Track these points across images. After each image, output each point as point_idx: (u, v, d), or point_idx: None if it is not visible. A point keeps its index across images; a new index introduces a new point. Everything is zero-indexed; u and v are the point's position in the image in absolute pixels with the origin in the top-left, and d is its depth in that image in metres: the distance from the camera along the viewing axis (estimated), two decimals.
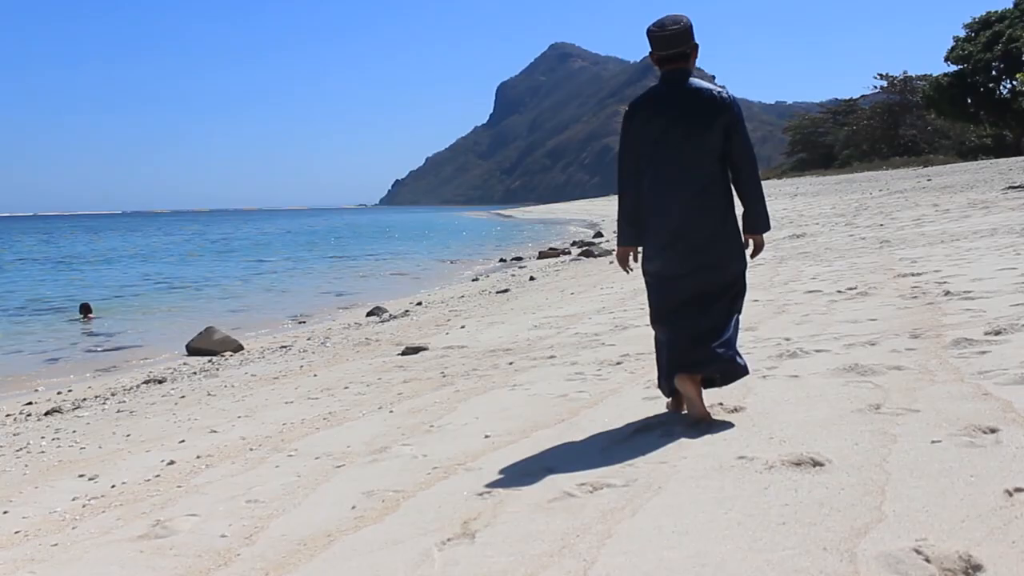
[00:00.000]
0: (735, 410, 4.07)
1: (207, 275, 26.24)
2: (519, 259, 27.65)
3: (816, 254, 12.57)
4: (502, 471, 3.65)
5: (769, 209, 4.23)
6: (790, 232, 18.21)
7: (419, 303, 15.84)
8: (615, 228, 4.51)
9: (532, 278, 18.30)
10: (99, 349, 12.87)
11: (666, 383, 4.14)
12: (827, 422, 3.65)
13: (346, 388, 6.81)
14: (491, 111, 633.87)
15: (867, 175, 46.99)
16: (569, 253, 26.07)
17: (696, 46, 4.16)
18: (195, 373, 9.57)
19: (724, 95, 4.09)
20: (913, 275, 8.44)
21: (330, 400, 6.33)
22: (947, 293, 6.91)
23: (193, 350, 11.95)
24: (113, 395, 8.62)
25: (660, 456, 3.50)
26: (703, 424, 3.88)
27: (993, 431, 3.23)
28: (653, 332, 4.30)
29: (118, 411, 7.35)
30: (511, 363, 6.85)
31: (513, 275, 20.68)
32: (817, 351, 5.31)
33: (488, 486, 3.45)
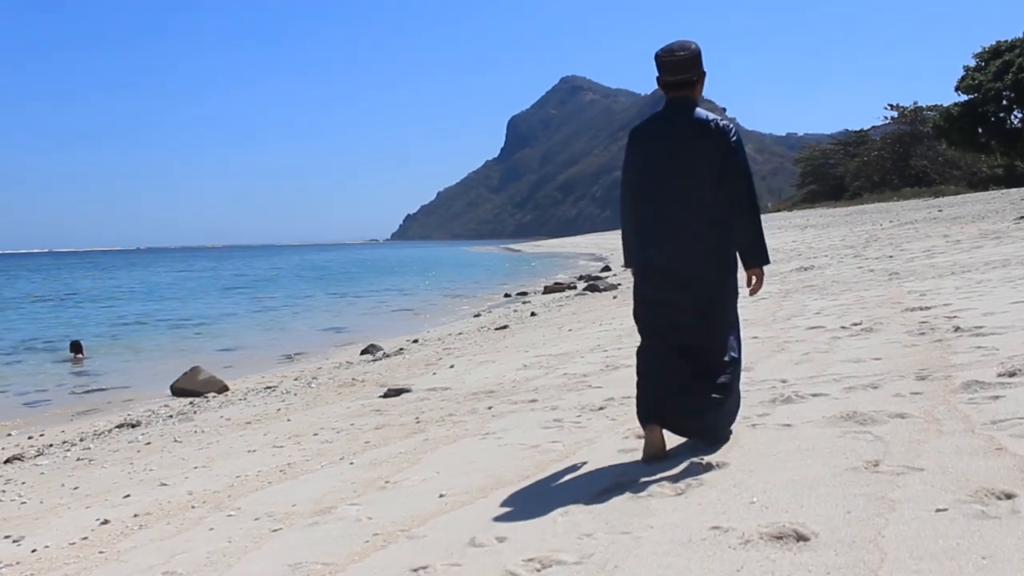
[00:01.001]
0: (717, 466, 3.62)
1: (208, 312, 25.89)
2: (524, 294, 27.26)
3: (823, 287, 12.11)
4: (446, 540, 3.21)
5: (778, 242, 3.91)
6: (798, 265, 17.74)
7: (415, 340, 15.43)
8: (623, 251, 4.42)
9: (533, 314, 17.88)
10: (83, 390, 12.49)
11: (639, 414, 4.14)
12: (818, 482, 3.20)
13: (315, 435, 6.39)
14: (502, 145, 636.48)
15: (878, 206, 46.43)
16: (575, 287, 25.61)
17: (703, 73, 4.10)
18: (171, 416, 9.17)
19: (724, 125, 4.01)
20: (922, 309, 7.97)
21: (294, 449, 5.90)
22: (957, 329, 6.44)
23: (177, 391, 11.57)
24: (81, 440, 8.23)
25: (624, 524, 3.05)
26: (655, 460, 3.87)
27: (1009, 496, 2.77)
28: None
29: (78, 459, 6.95)
30: (490, 408, 6.41)
31: (515, 311, 20.25)
32: (814, 395, 4.86)
33: (425, 560, 3.00)
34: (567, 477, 3.89)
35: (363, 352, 14.26)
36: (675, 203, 3.98)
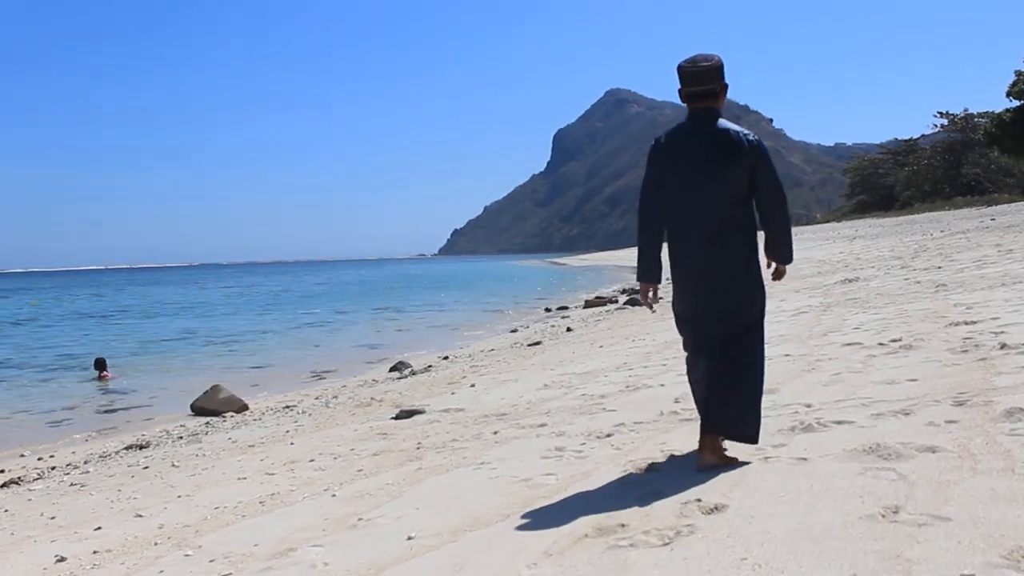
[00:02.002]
0: (714, 509, 3.18)
1: (247, 329, 25.84)
2: (564, 308, 26.91)
3: (865, 300, 11.51)
4: None
5: (824, 253, 3.53)
6: (843, 276, 17.08)
7: (445, 357, 15.12)
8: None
9: (569, 329, 17.48)
10: (106, 410, 12.34)
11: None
12: (825, 534, 2.74)
13: (311, 461, 6.04)
14: (548, 158, 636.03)
15: (928, 216, 45.22)
16: (616, 301, 25.11)
17: (726, 85, 4.10)
18: (181, 438, 8.89)
19: (751, 138, 4.01)
20: (967, 323, 7.40)
21: (284, 477, 5.56)
22: (1003, 346, 5.89)
23: (198, 410, 11.38)
24: (85, 463, 8.01)
25: None
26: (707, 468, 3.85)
27: None
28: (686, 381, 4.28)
29: (71, 484, 6.70)
30: (496, 432, 6.01)
31: (553, 326, 19.87)
32: (838, 422, 4.38)
33: None
34: (549, 518, 3.46)
35: (391, 370, 13.97)
36: (698, 216, 3.98)
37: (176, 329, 26.77)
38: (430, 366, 13.63)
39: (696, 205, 3.98)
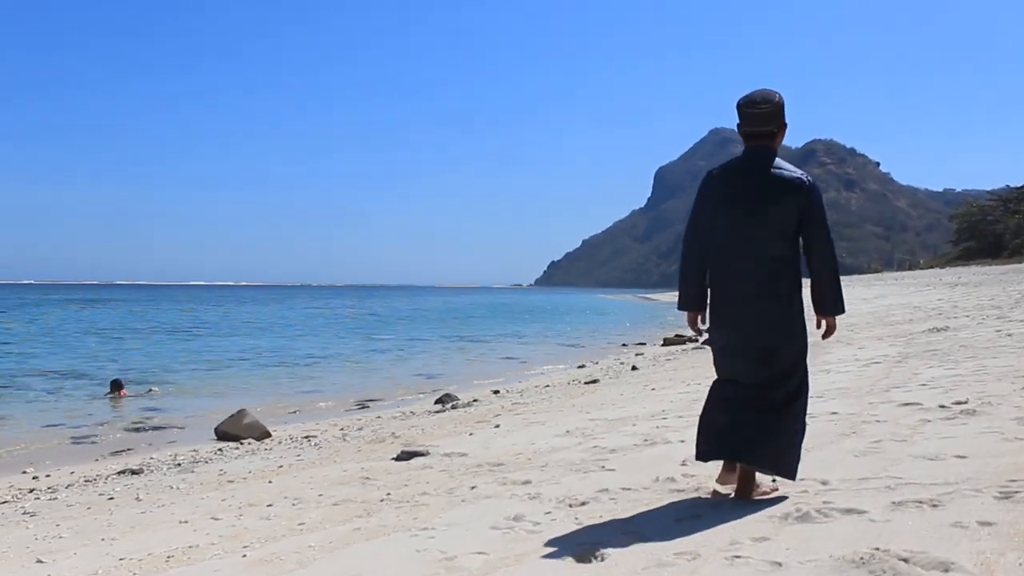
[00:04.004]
0: None
1: (312, 351, 25.63)
2: (642, 344, 26.12)
3: (947, 352, 10.34)
4: None
5: (920, 300, 2.73)
6: (931, 325, 15.73)
7: (496, 391, 14.43)
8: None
9: (635, 368, 16.68)
10: (135, 428, 11.98)
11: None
12: None
13: (269, 506, 5.41)
14: (649, 194, 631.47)
15: None
16: (696, 340, 24.09)
17: (784, 125, 4.08)
18: (179, 465, 8.40)
19: (805, 179, 3.98)
20: None
21: (223, 525, 4.93)
22: None
23: (221, 434, 10.93)
24: (67, 487, 7.58)
25: None
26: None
27: None
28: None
29: (24, 512, 6.26)
30: (473, 488, 5.26)
31: (621, 363, 19.10)
32: (847, 511, 3.48)
33: None
34: None
35: (437, 401, 13.35)
36: (747, 251, 3.96)
37: (242, 348, 26.74)
38: (475, 400, 13.02)
39: (742, 242, 3.95)
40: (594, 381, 14.33)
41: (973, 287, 29.80)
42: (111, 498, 6.50)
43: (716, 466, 4.87)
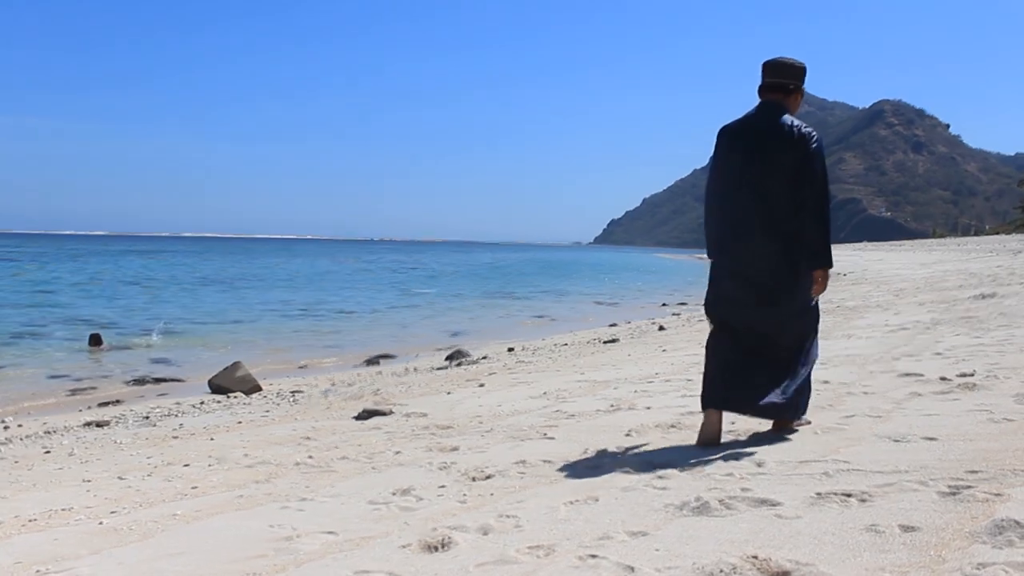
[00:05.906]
0: None
1: (347, 305, 25.36)
2: (684, 304, 25.42)
3: (981, 320, 9.57)
4: None
5: (979, 266, 2.18)
6: (979, 291, 14.79)
7: (511, 349, 13.92)
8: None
9: (662, 328, 16.02)
10: (133, 380, 11.69)
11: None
12: None
13: (185, 466, 5.06)
14: (711, 153, 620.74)
15: None
16: None
17: (802, 90, 4.25)
18: (146, 418, 8.08)
19: (803, 130, 4.06)
20: None
21: (125, 484, 4.62)
22: None
23: (215, 387, 10.59)
24: (24, 439, 7.24)
25: None
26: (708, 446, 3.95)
27: None
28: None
29: None
30: (398, 452, 4.81)
31: (652, 322, 18.45)
32: (759, 502, 2.90)
33: None
34: None
35: (448, 357, 12.92)
36: (744, 206, 4.08)
37: (275, 300, 26.59)
38: (485, 357, 12.56)
39: (751, 195, 4.04)
40: (613, 340, 13.79)
41: None
42: (48, 451, 6.18)
43: (677, 423, 4.69)
